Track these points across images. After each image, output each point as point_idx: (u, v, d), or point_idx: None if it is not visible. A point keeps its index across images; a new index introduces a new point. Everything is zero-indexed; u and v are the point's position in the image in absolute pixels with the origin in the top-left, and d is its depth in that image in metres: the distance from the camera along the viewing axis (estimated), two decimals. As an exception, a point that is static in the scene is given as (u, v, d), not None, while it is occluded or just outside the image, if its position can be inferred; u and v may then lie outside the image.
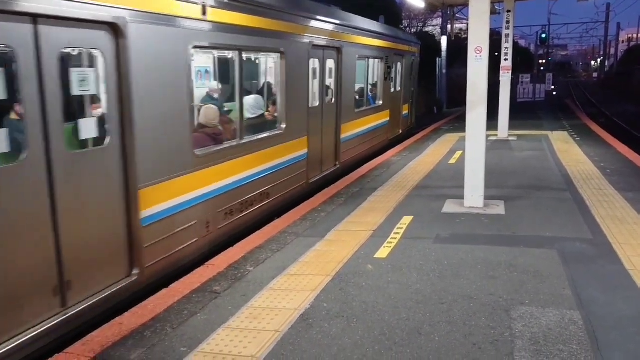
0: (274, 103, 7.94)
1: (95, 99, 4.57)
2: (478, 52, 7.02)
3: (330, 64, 9.64)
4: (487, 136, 7.39)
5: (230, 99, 7.08)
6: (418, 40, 17.52)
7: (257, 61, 8.07)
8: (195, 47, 5.60)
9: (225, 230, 6.32)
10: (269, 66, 8.04)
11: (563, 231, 6.19)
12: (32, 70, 3.84)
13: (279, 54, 7.58)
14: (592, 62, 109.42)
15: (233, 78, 6.84)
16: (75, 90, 4.30)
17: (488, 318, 4.11)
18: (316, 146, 8.99)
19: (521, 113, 20.89)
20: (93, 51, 4.44)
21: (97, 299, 4.45)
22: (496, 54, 15.44)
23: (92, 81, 4.45)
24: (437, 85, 30.69)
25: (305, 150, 8.52)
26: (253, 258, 5.58)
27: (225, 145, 6.38)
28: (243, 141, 6.73)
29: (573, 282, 4.75)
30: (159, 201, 5.11)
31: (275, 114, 7.86)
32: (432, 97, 30.07)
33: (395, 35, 14.40)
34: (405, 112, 15.87)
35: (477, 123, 7.14)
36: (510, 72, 14.35)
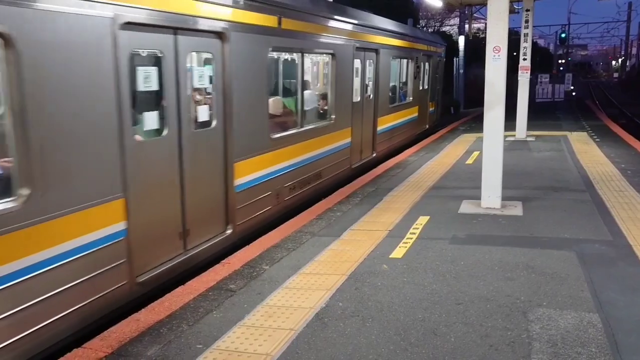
0: (325, 97, 9.10)
1: (207, 91, 5.90)
2: (496, 51, 6.95)
3: (369, 64, 10.86)
4: (505, 136, 7.32)
5: (294, 93, 8.18)
6: (443, 42, 18.56)
7: (314, 61, 9.18)
8: (273, 49, 6.94)
9: (288, 203, 7.52)
10: (322, 66, 9.22)
11: (582, 233, 6.10)
12: (172, 69, 5.12)
13: (330, 56, 8.83)
14: (613, 62, 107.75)
15: (295, 75, 8.05)
16: (197, 84, 5.66)
17: (505, 319, 4.07)
18: (357, 136, 10.15)
19: (540, 113, 20.66)
20: (207, 54, 5.82)
21: (204, 247, 5.65)
22: (514, 53, 15.27)
23: (206, 77, 5.80)
24: (454, 85, 30.49)
25: (349, 140, 9.73)
26: (269, 257, 5.60)
27: (290, 131, 7.65)
28: (302, 129, 7.98)
29: (592, 284, 4.68)
30: (246, 173, 6.41)
31: (326, 107, 9.05)
32: (449, 97, 29.88)
33: (424, 37, 15.87)
34: (431, 108, 17.13)
35: (494, 123, 7.07)
36: (529, 72, 14.19)
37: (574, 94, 33.45)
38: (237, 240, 6.25)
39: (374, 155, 11.34)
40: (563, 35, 40.84)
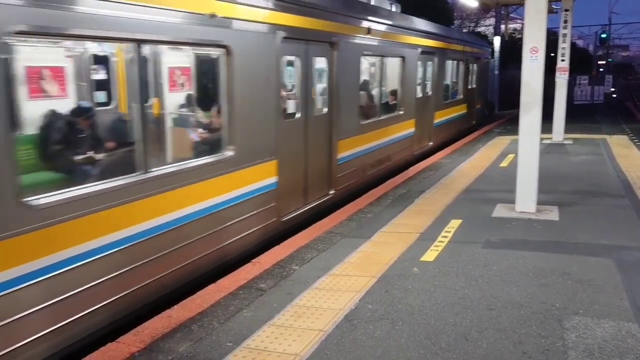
0: (394, 93, 10.78)
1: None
2: (534, 52, 6.81)
3: (430, 65, 12.73)
4: (542, 139, 7.15)
5: (375, 88, 10.19)
6: (489, 45, 20.56)
7: (389, 63, 10.65)
8: (363, 54, 8.84)
9: (367, 178, 9.27)
10: (395, 67, 10.78)
11: (620, 239, 5.92)
12: (303, 69, 6.98)
13: (401, 58, 10.67)
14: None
15: (377, 74, 10.09)
16: (316, 81, 7.59)
17: (539, 327, 3.98)
18: (419, 127, 11.98)
19: (578, 116, 20.12)
20: (324, 58, 7.64)
21: (316, 203, 7.47)
22: (552, 54, 14.91)
23: (324, 76, 7.83)
24: (488, 86, 29.99)
25: (413, 130, 11.56)
26: (299, 257, 5.62)
27: (373, 119, 9.59)
28: (381, 118, 9.94)
29: (631, 292, 4.53)
30: (344, 150, 8.23)
31: (395, 101, 10.81)
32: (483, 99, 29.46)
33: (472, 41, 17.77)
34: (478, 106, 18.69)
35: (531, 125, 6.92)
36: (567, 73, 13.84)
37: (614, 95, 32.46)
38: (337, 201, 8.03)
39: (431, 144, 13.06)
40: (603, 35, 39.70)
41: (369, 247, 5.86)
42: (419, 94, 11.93)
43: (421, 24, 12.07)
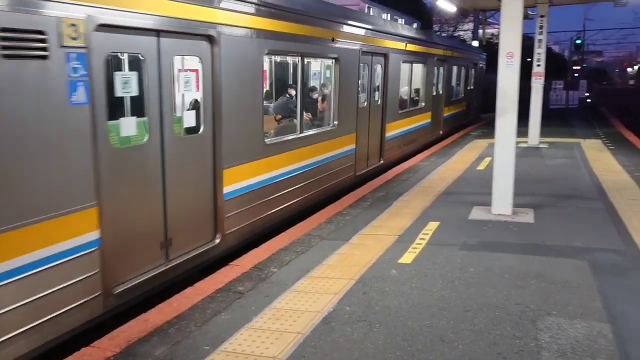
0: (418, 91, 14.03)
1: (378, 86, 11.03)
2: (509, 57, 6.92)
3: (441, 70, 15.79)
4: (517, 143, 7.26)
5: (407, 86, 13.33)
6: (483, 52, 23.55)
7: (415, 68, 13.44)
8: (403, 62, 12.08)
9: (399, 154, 12.20)
10: (419, 70, 13.76)
11: (594, 241, 6.04)
12: (368, 72, 9.99)
13: (422, 64, 13.62)
14: (629, 69, 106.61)
15: (406, 75, 12.94)
16: (376, 82, 10.76)
17: (514, 328, 4.04)
18: (434, 119, 15.05)
19: (553, 120, 20.48)
20: (380, 65, 10.71)
21: (372, 167, 10.52)
22: (528, 59, 15.20)
23: (381, 76, 10.86)
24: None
25: (429, 120, 14.70)
26: (277, 259, 5.61)
27: (406, 110, 12.73)
28: (409, 109, 13.06)
29: (603, 293, 4.63)
30: (390, 130, 11.38)
31: (418, 97, 14.01)
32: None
33: (471, 50, 21.85)
34: (474, 104, 22.20)
35: (506, 129, 7.03)
36: (543, 78, 14.08)
37: (588, 100, 33.13)
38: (385, 167, 11.10)
39: (441, 133, 16.26)
40: (578, 41, 40.50)
41: (348, 249, 5.88)
42: (434, 93, 15.25)
43: (437, 37, 16.45)
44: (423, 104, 13.93)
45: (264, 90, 7.12)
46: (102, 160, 4.24)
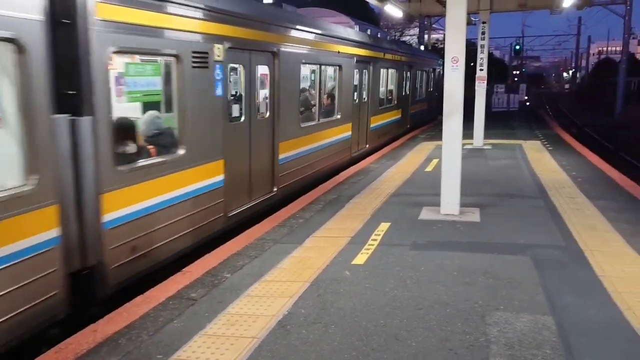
0: (392, 91, 16.67)
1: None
2: (454, 62, 7.14)
3: (408, 75, 18.57)
4: (463, 145, 7.50)
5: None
6: (439, 58, 25.29)
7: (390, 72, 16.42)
8: (382, 68, 14.73)
9: (378, 142, 14.64)
10: (393, 75, 16.62)
11: (536, 238, 6.31)
12: (361, 77, 13.01)
13: (395, 70, 16.51)
14: (564, 74, 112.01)
15: (396, 79, 16.77)
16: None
17: (464, 323, 4.16)
18: (403, 114, 17.98)
19: (496, 122, 21.25)
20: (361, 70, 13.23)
21: (360, 152, 13.22)
22: (472, 64, 15.84)
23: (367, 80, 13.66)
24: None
25: (399, 116, 17.44)
26: (230, 264, 5.55)
27: (382, 107, 15.39)
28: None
29: (546, 287, 4.85)
30: (373, 123, 14.02)
31: (392, 97, 16.62)
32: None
33: (432, 57, 24.47)
34: (434, 104, 24.11)
35: (453, 132, 7.25)
36: (486, 82, 14.60)
37: (527, 103, 34.58)
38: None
39: (409, 127, 19.15)
40: (517, 47, 42.29)
41: (301, 252, 5.89)
42: (404, 93, 18.12)
43: (405, 47, 20.41)
44: (395, 102, 16.76)
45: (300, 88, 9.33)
46: (226, 130, 6.72)
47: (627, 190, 8.78)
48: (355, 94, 12.47)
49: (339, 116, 11.24)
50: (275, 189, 8.34)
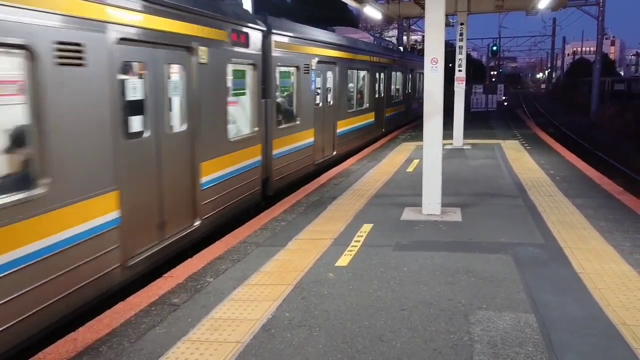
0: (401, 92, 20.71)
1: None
2: (434, 63, 7.19)
3: (396, 75, 20.51)
4: (443, 145, 7.56)
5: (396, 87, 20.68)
6: (418, 58, 25.83)
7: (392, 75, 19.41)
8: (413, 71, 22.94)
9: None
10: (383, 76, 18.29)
11: (517, 237, 6.39)
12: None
13: (402, 71, 20.64)
14: (540, 74, 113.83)
15: (384, 80, 18.46)
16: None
17: (447, 323, 4.19)
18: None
19: (475, 122, 21.50)
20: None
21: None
22: (450, 65, 15.95)
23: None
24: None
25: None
26: (213, 269, 5.50)
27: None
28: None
29: (527, 285, 4.90)
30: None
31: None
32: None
33: (410, 58, 24.79)
34: (415, 106, 24.99)
35: (434, 132, 7.30)
36: (464, 82, 14.74)
37: (505, 104, 35.06)
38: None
39: (384, 129, 19.69)
40: (494, 48, 42.75)
41: (284, 255, 5.87)
42: (394, 93, 20.24)
43: (405, 54, 23.49)
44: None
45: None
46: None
47: (604, 188, 8.94)
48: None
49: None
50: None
